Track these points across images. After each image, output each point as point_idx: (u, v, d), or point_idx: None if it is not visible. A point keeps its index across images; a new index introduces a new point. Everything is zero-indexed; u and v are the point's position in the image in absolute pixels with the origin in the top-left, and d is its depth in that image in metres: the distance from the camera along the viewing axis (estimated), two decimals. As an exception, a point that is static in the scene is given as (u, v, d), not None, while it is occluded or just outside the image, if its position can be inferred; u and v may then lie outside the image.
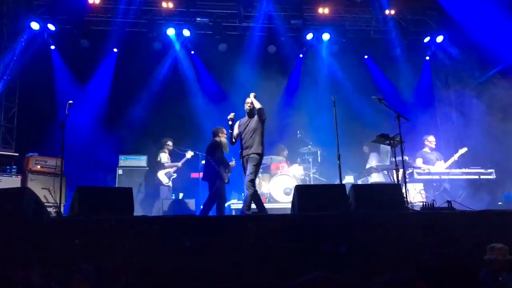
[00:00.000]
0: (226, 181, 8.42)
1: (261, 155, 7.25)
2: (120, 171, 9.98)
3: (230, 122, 7.40)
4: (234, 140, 7.49)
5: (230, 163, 8.64)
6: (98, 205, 5.21)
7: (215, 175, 8.23)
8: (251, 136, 7.23)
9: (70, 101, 6.78)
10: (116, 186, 9.71)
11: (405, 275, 1.74)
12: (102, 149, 10.31)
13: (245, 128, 7.36)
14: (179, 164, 10.13)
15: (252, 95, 7.44)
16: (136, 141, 10.74)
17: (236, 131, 7.45)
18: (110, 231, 4.74)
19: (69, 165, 7.96)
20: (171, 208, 8.68)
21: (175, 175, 10.14)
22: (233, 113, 7.43)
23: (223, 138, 8.64)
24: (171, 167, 10.09)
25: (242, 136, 7.36)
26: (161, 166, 10.03)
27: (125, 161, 10.06)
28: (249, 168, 7.06)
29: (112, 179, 9.91)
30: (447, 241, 4.92)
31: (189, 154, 10.11)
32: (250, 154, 7.16)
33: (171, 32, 11.25)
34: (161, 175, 9.97)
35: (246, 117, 7.49)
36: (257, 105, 7.30)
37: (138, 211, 9.04)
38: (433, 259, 2.15)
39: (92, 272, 4.08)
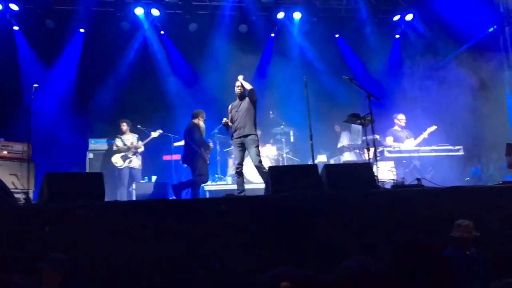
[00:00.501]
0: (208, 162, 8.51)
1: (257, 136, 7.36)
2: (90, 155, 9.79)
3: (223, 122, 7.45)
4: (231, 124, 7.51)
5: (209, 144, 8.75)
6: (68, 191, 5.08)
7: (197, 156, 8.31)
8: (244, 117, 7.29)
9: (36, 85, 6.58)
10: (87, 170, 9.54)
11: (369, 264, 1.76)
12: (71, 132, 10.07)
13: (237, 111, 7.41)
14: (139, 144, 9.61)
15: (240, 77, 7.47)
16: (106, 124, 10.50)
17: (230, 116, 7.52)
18: (80, 217, 4.66)
19: (37, 150, 7.77)
20: (144, 192, 8.58)
21: (132, 157, 9.51)
22: (225, 118, 7.48)
23: (201, 122, 8.71)
24: (129, 149, 9.54)
25: (235, 119, 7.41)
26: (118, 151, 9.56)
27: (95, 144, 9.87)
28: (253, 151, 7.12)
29: (82, 163, 9.70)
30: (417, 218, 5.02)
31: (155, 133, 9.64)
32: (246, 135, 7.20)
33: (139, 11, 10.98)
34: (116, 158, 9.46)
35: (238, 100, 7.54)
36: (248, 86, 7.35)
37: (109, 196, 8.95)
38: (400, 245, 2.18)
39: (64, 260, 4.02)
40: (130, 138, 9.68)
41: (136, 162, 9.58)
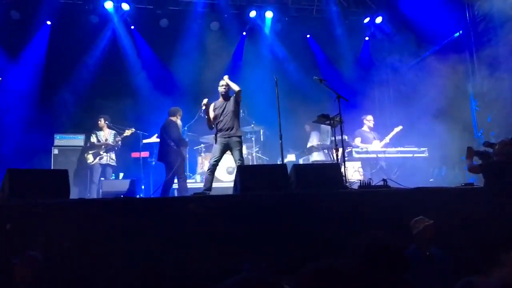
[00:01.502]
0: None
1: (241, 137, 7.40)
2: (55, 151, 9.55)
3: (203, 108, 7.40)
4: (212, 125, 7.46)
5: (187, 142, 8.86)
6: (31, 188, 4.95)
7: (175, 154, 8.25)
8: (231, 119, 7.26)
9: (-1, 78, 6.37)
10: (52, 166, 9.32)
11: (333, 263, 1.77)
12: (36, 128, 9.79)
13: (222, 111, 7.32)
14: (116, 140, 9.52)
15: (226, 77, 7.43)
16: (72, 119, 10.29)
17: (212, 114, 7.43)
18: (44, 215, 4.54)
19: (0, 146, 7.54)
20: (111, 189, 8.42)
21: (103, 154, 9.41)
22: (206, 99, 7.40)
23: (179, 120, 8.67)
24: (101, 146, 9.44)
25: (221, 119, 7.31)
26: (90, 147, 9.49)
27: (61, 140, 9.64)
28: (238, 153, 7.14)
29: (47, 159, 9.46)
30: (382, 218, 5.10)
31: (128, 131, 9.50)
32: (232, 137, 7.20)
33: (109, 5, 10.79)
34: (88, 154, 9.40)
35: (221, 99, 7.45)
36: (236, 87, 7.30)
37: (75, 192, 8.78)
38: (362, 243, 2.21)
39: (38, 258, 3.96)
40: (106, 135, 9.55)
41: (107, 159, 9.42)
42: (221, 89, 7.43)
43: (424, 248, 4.59)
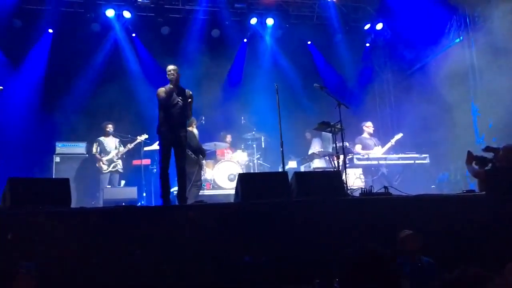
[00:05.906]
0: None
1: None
2: (57, 159, 9.56)
3: None
4: None
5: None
6: (32, 197, 4.96)
7: (193, 163, 8.27)
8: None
9: (0, 87, 6.39)
10: (53, 174, 9.33)
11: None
12: (38, 136, 9.80)
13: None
14: (121, 148, 9.67)
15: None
16: (74, 127, 10.27)
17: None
18: (45, 224, 4.54)
19: (1, 154, 7.55)
20: (112, 197, 8.42)
21: (118, 161, 9.60)
22: None
23: (195, 129, 8.75)
24: (117, 154, 9.62)
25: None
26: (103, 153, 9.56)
27: (63, 148, 9.66)
28: None
29: (49, 167, 9.47)
30: (384, 225, 5.09)
31: (141, 137, 9.61)
32: None
33: (110, 13, 10.82)
34: (100, 163, 9.48)
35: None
36: None
37: (78, 201, 8.77)
38: (354, 253, 2.20)
39: (34, 269, 3.95)
40: (111, 142, 9.65)
41: (119, 166, 9.57)
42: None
43: (412, 260, 4.55)
